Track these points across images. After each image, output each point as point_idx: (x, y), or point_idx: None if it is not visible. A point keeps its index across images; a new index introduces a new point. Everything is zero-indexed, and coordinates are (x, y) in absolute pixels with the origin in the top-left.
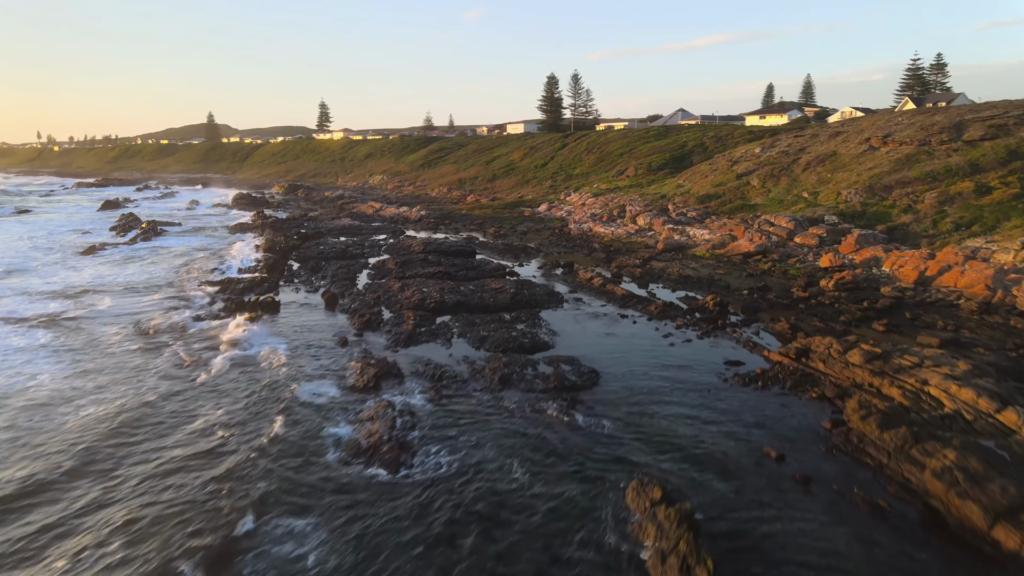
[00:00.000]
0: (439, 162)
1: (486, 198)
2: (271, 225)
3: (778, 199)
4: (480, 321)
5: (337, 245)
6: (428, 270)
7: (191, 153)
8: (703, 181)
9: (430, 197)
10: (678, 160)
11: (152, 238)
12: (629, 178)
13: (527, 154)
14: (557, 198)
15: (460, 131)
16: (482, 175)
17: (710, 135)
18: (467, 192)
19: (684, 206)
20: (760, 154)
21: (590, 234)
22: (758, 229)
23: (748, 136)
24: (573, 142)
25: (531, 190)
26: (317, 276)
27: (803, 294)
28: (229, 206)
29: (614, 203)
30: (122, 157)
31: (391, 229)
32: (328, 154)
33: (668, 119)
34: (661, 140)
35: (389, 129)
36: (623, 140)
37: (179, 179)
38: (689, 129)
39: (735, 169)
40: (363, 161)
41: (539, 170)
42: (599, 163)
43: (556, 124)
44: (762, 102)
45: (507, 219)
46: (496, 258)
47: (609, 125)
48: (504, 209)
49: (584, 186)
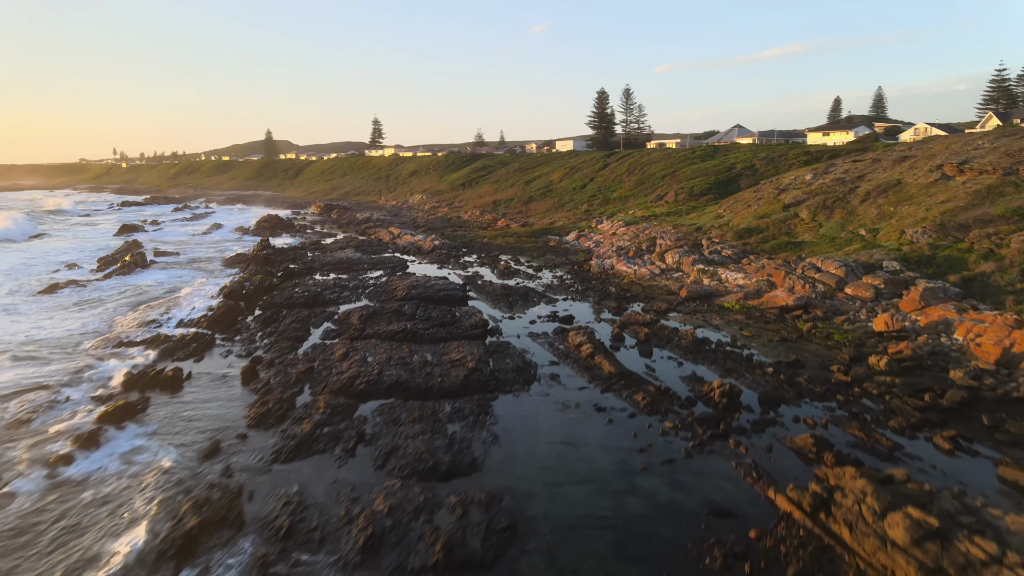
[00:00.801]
0: (479, 181)
1: (517, 223)
2: (264, 259)
3: (829, 236)
4: (408, 416)
5: (316, 287)
6: (392, 327)
7: (245, 170)
8: (745, 212)
9: (461, 220)
10: (724, 184)
11: (131, 272)
12: (668, 204)
13: (567, 175)
14: (589, 225)
15: (509, 148)
16: (518, 197)
17: (761, 156)
18: (499, 215)
19: (720, 241)
20: (811, 181)
21: (610, 272)
22: (801, 275)
23: (804, 158)
24: (615, 162)
25: (565, 215)
26: (265, 332)
27: (845, 378)
28: (250, 230)
29: (645, 235)
30: (182, 174)
31: (392, 264)
32: (374, 171)
33: (723, 135)
34: (707, 161)
35: (441, 145)
36: (666, 161)
37: (226, 197)
38: (740, 149)
39: (782, 198)
40: (407, 179)
41: (576, 192)
42: (639, 186)
43: (606, 141)
44: (828, 116)
45: (529, 249)
46: (488, 306)
47: (660, 142)
48: (530, 237)
49: (620, 212)
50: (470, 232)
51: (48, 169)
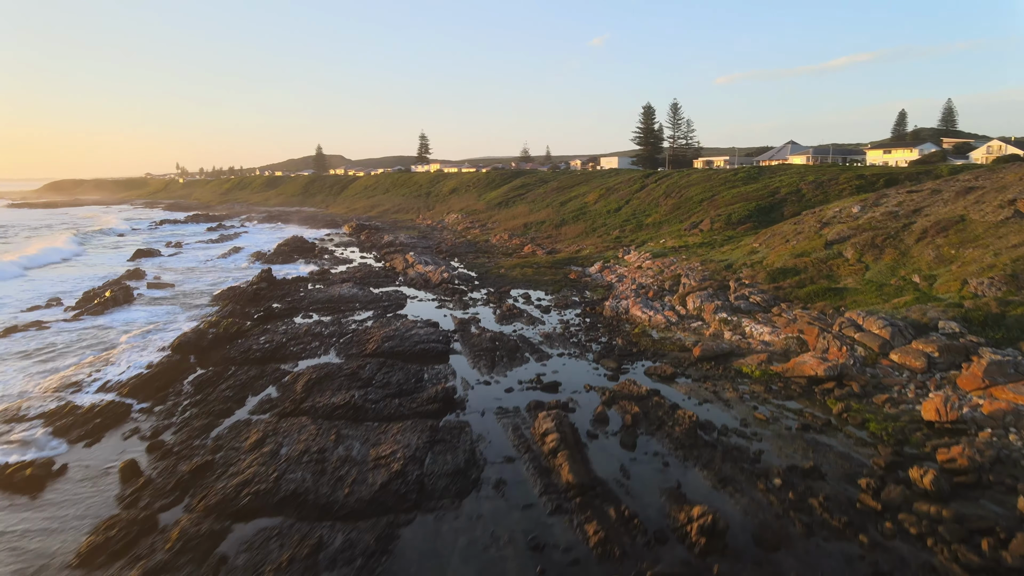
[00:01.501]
0: (516, 201)
1: (543, 250)
2: (252, 295)
3: (877, 283)
4: (280, 555)
5: (286, 335)
6: (337, 398)
7: (293, 186)
8: (782, 248)
9: (488, 245)
10: (765, 212)
11: (106, 311)
12: (702, 233)
13: (602, 196)
14: (615, 255)
15: (553, 164)
16: (550, 219)
17: (809, 180)
18: (528, 240)
19: (750, 283)
20: (859, 215)
21: (624, 317)
22: (838, 334)
23: (856, 182)
24: (652, 184)
25: (594, 241)
26: (194, 400)
27: (874, 503)
28: (266, 256)
29: (670, 271)
30: (234, 189)
31: (388, 302)
32: (415, 188)
33: (776, 153)
34: (749, 185)
35: (489, 158)
36: (705, 184)
37: (267, 214)
38: (786, 171)
39: (824, 233)
40: (447, 197)
41: (610, 216)
42: (675, 211)
43: (651, 158)
44: (892, 131)
45: (546, 283)
46: (468, 364)
47: (708, 160)
48: (551, 268)
49: (651, 240)
50: (492, 259)
51: (112, 184)
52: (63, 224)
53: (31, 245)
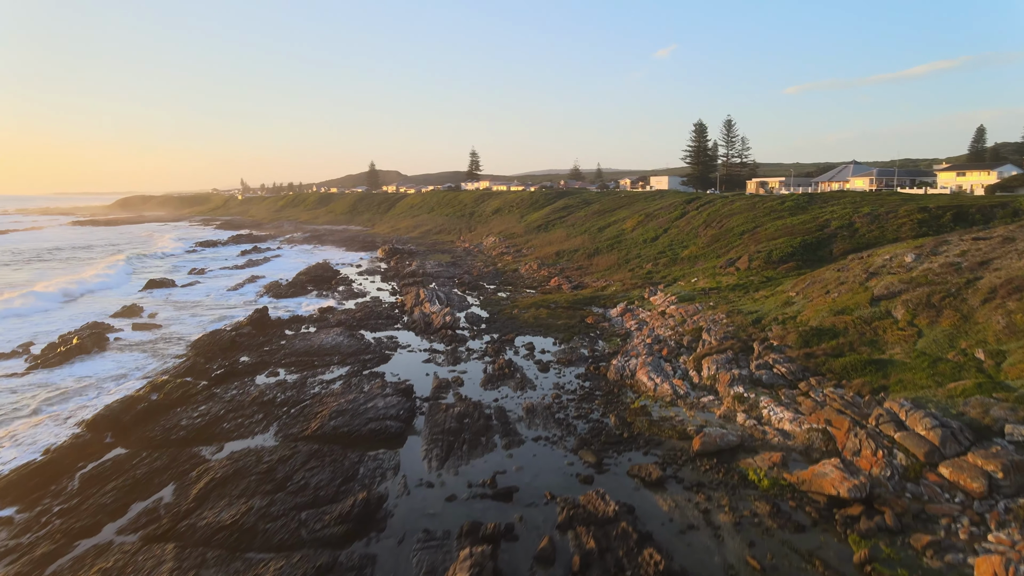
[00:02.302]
0: (556, 224)
1: (570, 284)
2: (227, 344)
3: (930, 356)
4: None
5: (231, 404)
6: (229, 512)
7: (343, 203)
8: (821, 300)
9: (515, 275)
10: (811, 249)
11: (66, 362)
12: (738, 272)
13: (640, 223)
14: (641, 296)
15: (602, 182)
16: (584, 247)
17: (864, 212)
18: (557, 271)
19: (778, 347)
20: (913, 264)
21: (628, 383)
22: (874, 431)
23: (917, 216)
24: (694, 211)
25: (623, 276)
26: (63, 509)
27: None
28: (281, 286)
29: (691, 322)
30: (288, 207)
31: (371, 355)
32: (460, 207)
33: (836, 174)
34: (796, 216)
35: (540, 174)
36: (749, 214)
37: (310, 234)
38: (839, 200)
39: (871, 286)
40: (489, 218)
41: (646, 246)
42: (714, 243)
43: (703, 178)
44: (969, 147)
45: (559, 328)
46: (423, 451)
47: (762, 181)
48: (569, 309)
49: (682, 278)
50: (514, 293)
51: (176, 201)
52: (113, 245)
53: (81, 270)
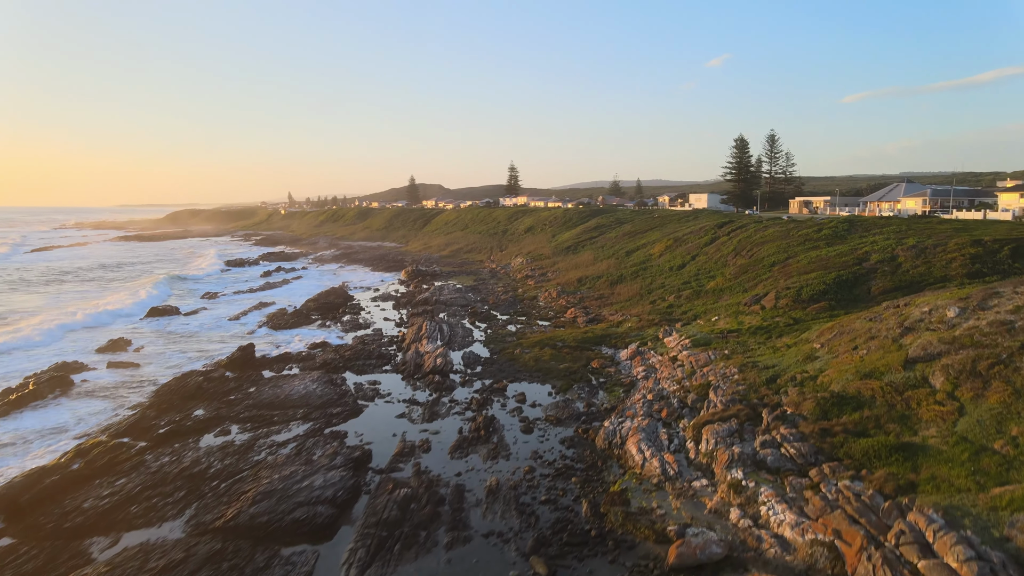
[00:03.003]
0: (585, 246)
1: (585, 316)
2: (192, 391)
3: (973, 443)
4: None
5: (143, 481)
6: None
7: (379, 219)
8: (848, 356)
9: (532, 303)
10: (846, 287)
11: (15, 410)
12: (762, 312)
13: (669, 248)
14: (656, 335)
15: (640, 199)
16: (608, 274)
17: (909, 243)
18: (576, 300)
19: (791, 417)
20: (956, 321)
21: (616, 453)
22: (892, 551)
23: (970, 251)
24: (724, 236)
25: (642, 310)
26: None
27: None
28: (287, 314)
29: (701, 375)
30: (327, 222)
31: (341, 408)
32: (493, 225)
33: (887, 193)
34: (833, 247)
35: (580, 187)
36: (782, 242)
37: (341, 252)
38: (883, 228)
39: (906, 344)
40: (521, 236)
41: (671, 274)
42: (741, 275)
43: (744, 195)
44: None
45: (561, 374)
46: (347, 552)
47: (806, 200)
48: (577, 348)
49: (704, 315)
50: (526, 326)
51: (223, 215)
52: (145, 264)
53: (101, 295)
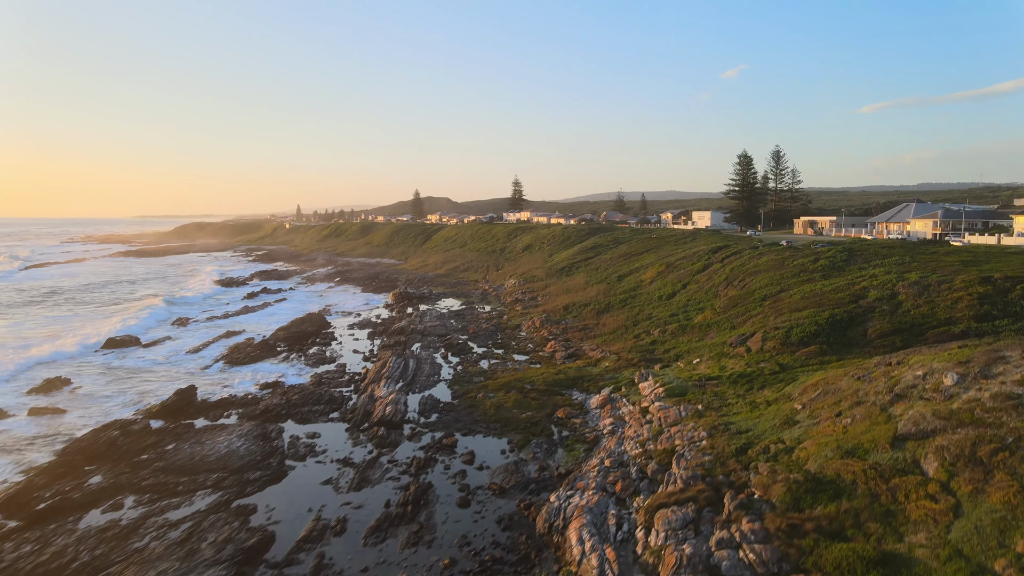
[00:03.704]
0: (579, 267)
1: (564, 351)
2: (99, 449)
3: (971, 560)
4: None
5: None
6: None
7: (380, 235)
8: (831, 424)
9: (513, 335)
10: (840, 328)
11: None
12: (747, 355)
13: (661, 274)
14: (631, 380)
15: (642, 217)
16: (596, 301)
17: (912, 279)
18: (558, 331)
19: (758, 503)
20: (955, 390)
21: (556, 540)
22: None
23: (979, 290)
24: (718, 263)
25: (624, 346)
26: None
27: None
28: (251, 347)
29: (668, 436)
30: (330, 236)
31: (263, 472)
32: (492, 242)
33: (895, 214)
34: (830, 279)
35: (586, 201)
36: (776, 272)
37: (336, 270)
38: (884, 259)
39: (895, 414)
40: (519, 255)
41: (659, 304)
42: (731, 308)
43: (748, 214)
44: None
45: (520, 425)
46: None
47: (811, 220)
48: (547, 392)
49: (686, 355)
50: (500, 362)
51: (229, 229)
52: (132, 284)
53: (70, 323)
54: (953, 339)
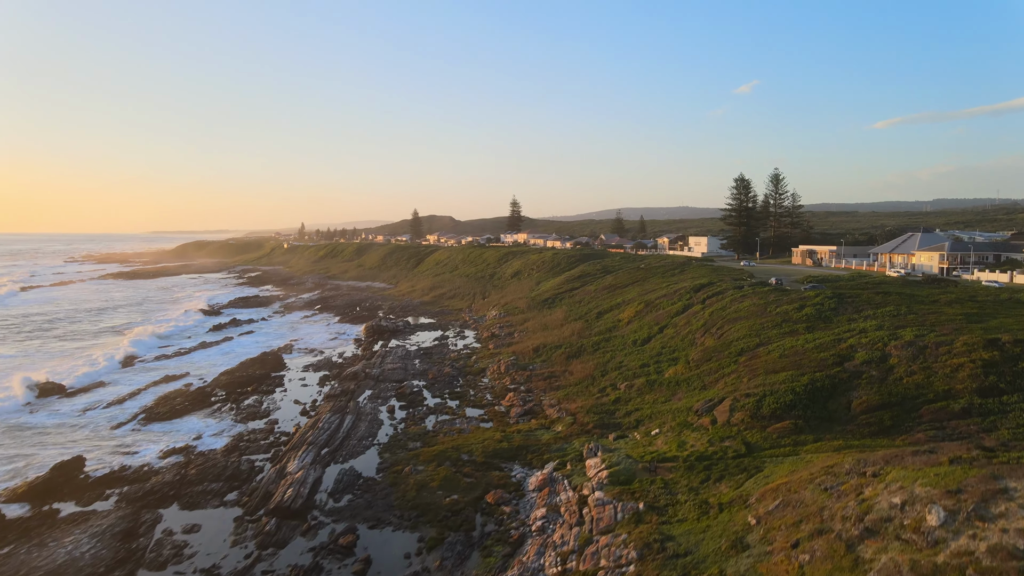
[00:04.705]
0: (563, 299)
1: (522, 405)
2: None
3: None
4: None
5: None
6: None
7: (373, 257)
8: (783, 562)
9: (474, 381)
10: (820, 398)
11: None
12: (712, 428)
13: (639, 313)
14: (579, 454)
15: (638, 242)
16: (569, 342)
17: (906, 338)
18: (522, 379)
19: None
20: (939, 534)
21: None
22: None
23: (983, 356)
24: (698, 304)
25: (585, 403)
26: None
27: None
28: (185, 397)
29: (594, 551)
30: (327, 257)
31: None
32: (483, 267)
33: (899, 245)
34: (813, 333)
35: (585, 220)
36: (756, 321)
37: (320, 296)
38: (877, 309)
39: (864, 557)
40: (507, 282)
41: (632, 351)
42: (705, 361)
43: (744, 241)
44: None
45: (440, 516)
46: None
47: (809, 249)
48: (484, 465)
49: (648, 420)
50: (452, 418)
51: (230, 248)
52: (103, 312)
53: None
54: (952, 418)
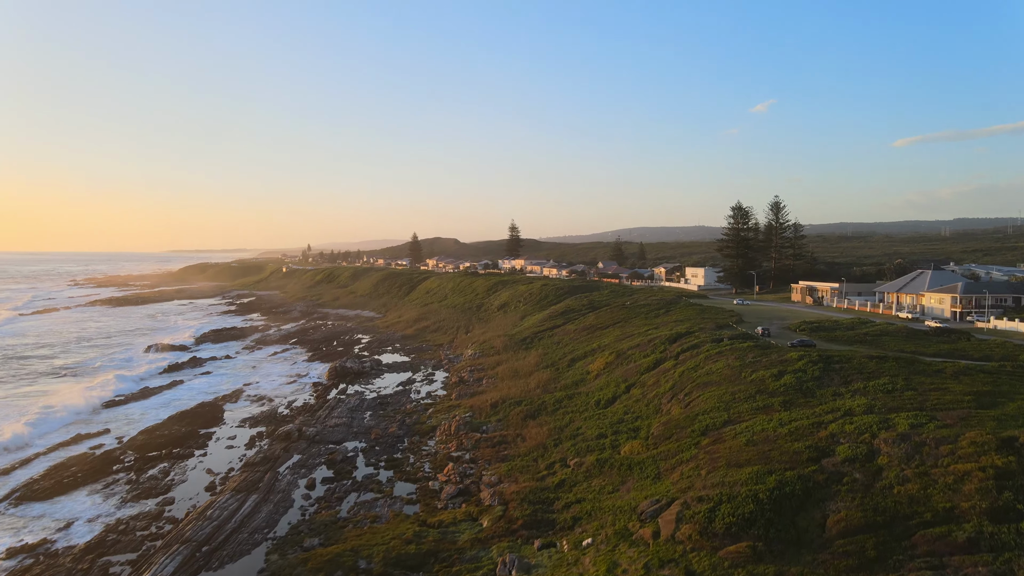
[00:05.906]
0: (542, 339)
1: (458, 482)
2: None
3: None
4: None
5: None
6: None
7: (367, 282)
8: None
9: (420, 444)
10: (787, 509)
11: None
12: (653, 544)
13: (609, 365)
14: (491, 570)
15: (635, 272)
16: (530, 398)
17: (900, 428)
18: (470, 445)
19: None
20: None
21: None
22: None
23: (996, 460)
24: (671, 360)
25: (526, 485)
26: None
27: None
28: (90, 464)
29: None
30: (323, 282)
31: None
32: (472, 296)
33: (908, 283)
34: (789, 412)
35: (587, 243)
36: (728, 389)
37: (295, 328)
38: (872, 376)
39: None
40: (493, 314)
41: (593, 415)
42: (665, 439)
43: (742, 274)
44: None
45: None
46: None
47: (809, 286)
48: None
49: (586, 518)
50: (377, 496)
51: (231, 271)
52: (84, 343)
53: None
54: (955, 551)
